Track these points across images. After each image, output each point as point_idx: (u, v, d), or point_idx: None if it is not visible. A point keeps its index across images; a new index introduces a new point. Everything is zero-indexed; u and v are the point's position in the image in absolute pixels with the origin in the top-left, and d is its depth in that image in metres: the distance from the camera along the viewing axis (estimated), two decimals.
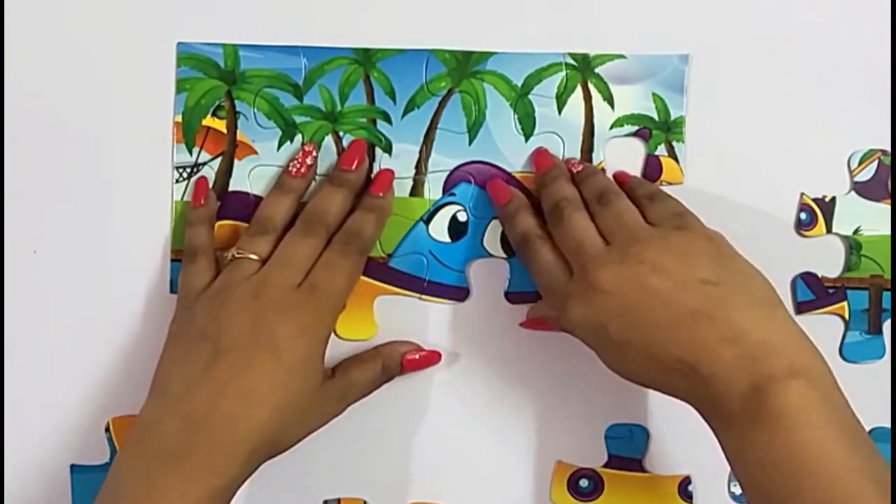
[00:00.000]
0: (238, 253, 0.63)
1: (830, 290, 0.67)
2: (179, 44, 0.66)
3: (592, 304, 0.57)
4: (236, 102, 0.67)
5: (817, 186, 0.67)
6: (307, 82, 0.67)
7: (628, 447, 0.67)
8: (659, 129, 0.67)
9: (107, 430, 0.67)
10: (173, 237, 0.67)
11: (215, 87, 0.67)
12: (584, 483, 0.68)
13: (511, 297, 0.67)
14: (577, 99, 0.67)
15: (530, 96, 0.67)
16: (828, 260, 0.67)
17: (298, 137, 0.67)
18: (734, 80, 0.67)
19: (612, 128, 0.67)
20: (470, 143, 0.67)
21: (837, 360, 0.67)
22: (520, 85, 0.67)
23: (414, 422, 0.68)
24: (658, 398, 0.66)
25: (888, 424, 0.67)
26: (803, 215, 0.67)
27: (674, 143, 0.67)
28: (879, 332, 0.67)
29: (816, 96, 0.67)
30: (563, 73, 0.67)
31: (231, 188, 0.67)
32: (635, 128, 0.67)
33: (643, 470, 0.67)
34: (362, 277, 0.66)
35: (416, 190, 0.67)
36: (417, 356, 0.66)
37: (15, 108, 0.66)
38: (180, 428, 0.57)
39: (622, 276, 0.57)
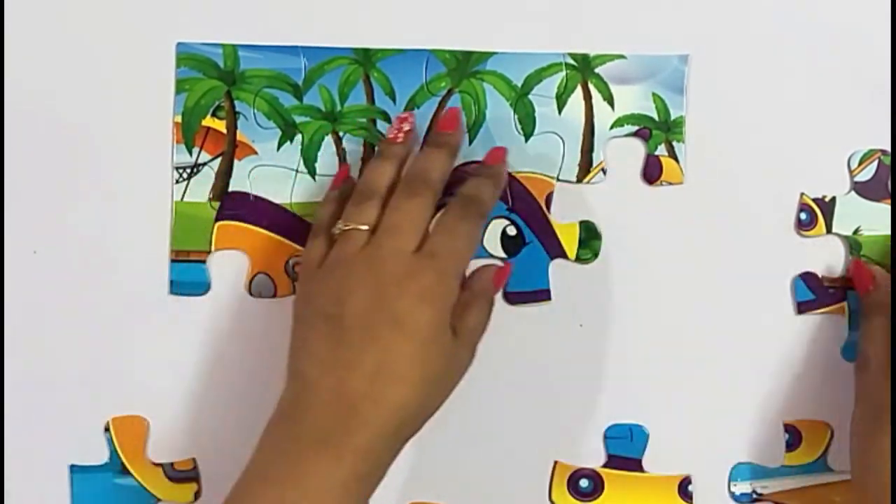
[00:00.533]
0: (346, 225, 0.60)
1: (831, 290, 0.67)
2: (179, 44, 0.66)
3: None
4: (236, 103, 0.67)
5: (817, 186, 0.66)
6: (307, 82, 0.67)
7: (628, 447, 0.67)
8: (659, 130, 0.67)
9: (106, 429, 0.67)
10: (173, 237, 0.67)
11: (215, 87, 0.67)
12: (583, 483, 0.67)
13: (510, 297, 0.67)
14: (577, 99, 0.67)
15: (530, 96, 0.67)
16: (827, 260, 0.67)
17: (298, 137, 0.67)
18: (734, 81, 0.66)
19: (612, 128, 0.67)
20: (470, 143, 0.67)
21: (839, 360, 0.67)
22: (520, 85, 0.67)
23: None
24: (658, 398, 0.67)
25: None
26: (803, 215, 0.67)
27: (674, 143, 0.67)
28: None
29: (816, 96, 0.66)
30: (563, 73, 0.67)
31: (231, 188, 0.67)
32: (635, 128, 0.67)
33: (643, 470, 0.67)
34: None
35: None
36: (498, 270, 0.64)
37: (15, 108, 0.66)
38: (321, 411, 0.56)
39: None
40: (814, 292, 0.67)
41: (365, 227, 0.60)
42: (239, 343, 0.67)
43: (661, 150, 0.67)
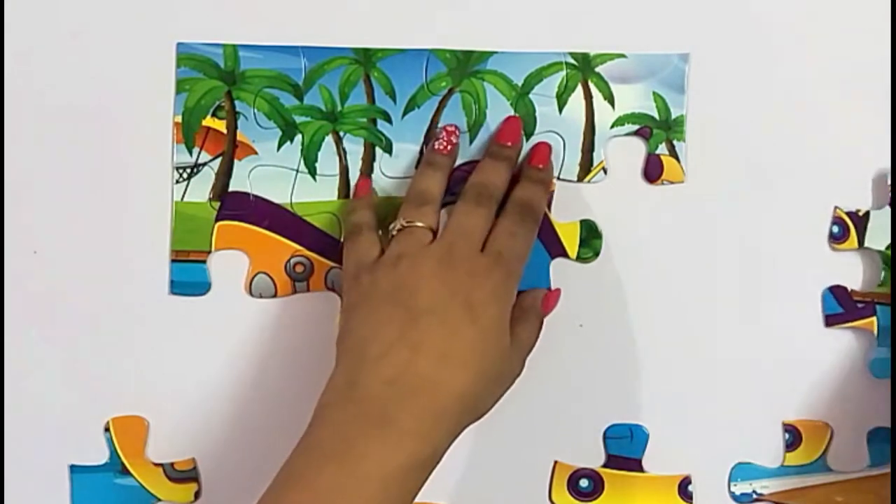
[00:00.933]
0: (406, 222, 0.62)
1: (860, 305, 0.67)
2: (179, 44, 0.66)
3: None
4: (236, 103, 0.67)
5: (820, 184, 0.66)
6: (307, 82, 0.67)
7: (628, 447, 0.67)
8: (660, 128, 0.67)
9: (106, 429, 0.67)
10: (173, 237, 0.67)
11: (215, 87, 0.67)
12: (583, 483, 0.67)
13: None
14: (577, 98, 0.67)
15: (531, 96, 0.67)
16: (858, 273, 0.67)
17: (299, 137, 0.67)
18: (734, 79, 0.66)
19: (612, 127, 0.67)
20: (471, 142, 0.67)
21: (866, 375, 0.67)
22: (520, 84, 0.67)
23: None
24: (658, 398, 0.67)
25: (888, 425, 0.66)
26: (836, 228, 0.66)
27: (675, 142, 0.67)
28: None
29: (816, 94, 0.66)
30: (564, 72, 0.67)
31: (231, 188, 0.67)
32: (636, 127, 0.67)
33: (643, 470, 0.67)
34: None
35: None
36: (548, 294, 0.65)
37: (15, 108, 0.66)
38: (382, 391, 0.56)
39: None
40: (842, 305, 0.67)
41: (425, 226, 0.62)
42: (239, 343, 0.67)
43: (662, 149, 0.67)
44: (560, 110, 0.67)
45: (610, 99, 0.67)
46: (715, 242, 0.67)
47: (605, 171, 0.67)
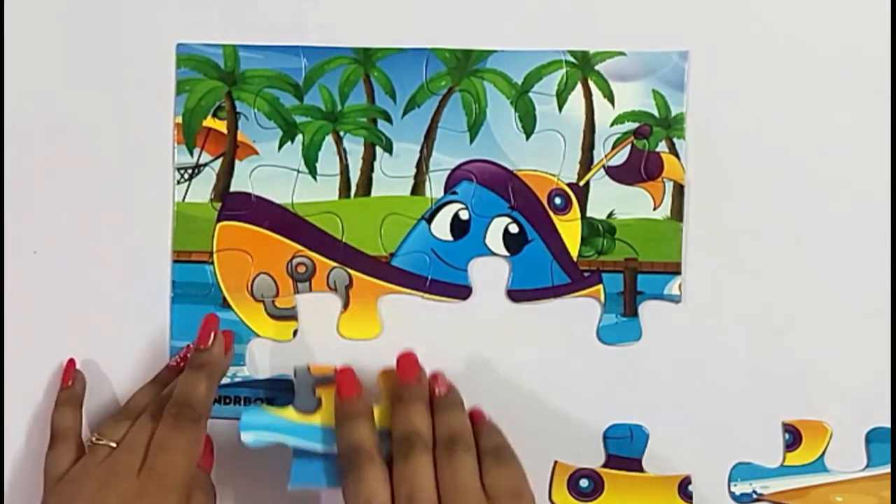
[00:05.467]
0: (97, 439, 0.61)
1: (586, 274, 0.67)
2: (179, 45, 0.67)
3: None
4: (237, 103, 0.67)
5: (819, 181, 0.66)
6: (307, 82, 0.67)
7: (628, 447, 0.67)
8: (660, 126, 0.66)
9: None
10: (174, 238, 0.67)
11: (216, 87, 0.67)
12: (583, 483, 0.67)
13: (513, 295, 0.67)
14: (577, 96, 0.67)
15: (531, 94, 0.67)
16: None
17: (299, 137, 0.67)
18: (734, 77, 0.66)
19: (612, 125, 0.67)
20: (471, 141, 0.67)
21: (594, 343, 0.67)
22: (520, 83, 0.67)
23: None
24: (658, 398, 0.66)
25: (888, 424, 0.66)
26: (558, 200, 0.66)
27: (674, 140, 0.66)
28: (635, 314, 0.67)
29: (815, 92, 0.66)
30: (564, 70, 0.67)
31: (232, 189, 0.67)
32: (636, 125, 0.66)
33: (643, 470, 0.67)
34: (365, 277, 0.67)
35: (418, 189, 0.67)
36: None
37: (15, 108, 0.67)
38: None
39: None
40: (569, 275, 0.67)
41: (112, 444, 0.60)
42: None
43: (662, 147, 0.66)
44: (560, 108, 0.67)
45: (610, 97, 0.67)
46: (714, 240, 0.66)
47: (605, 170, 0.67)
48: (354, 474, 0.58)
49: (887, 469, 0.66)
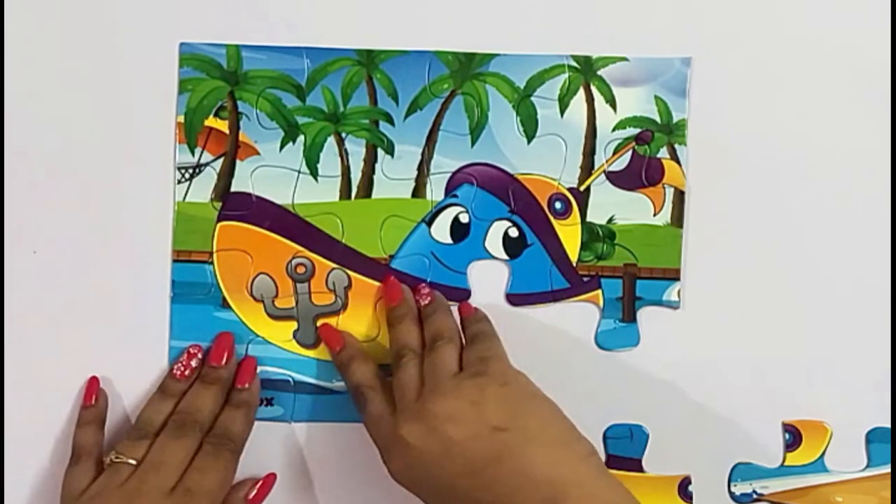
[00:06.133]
0: (116, 457, 0.62)
1: (585, 279, 0.68)
2: (182, 44, 0.66)
3: (403, 457, 0.59)
4: (239, 103, 0.67)
5: (822, 186, 0.67)
6: (310, 83, 0.67)
7: (628, 447, 0.68)
8: (661, 132, 0.67)
9: None
10: (175, 238, 0.66)
11: (218, 87, 0.67)
12: None
13: (512, 298, 0.67)
14: (579, 101, 0.67)
15: (533, 98, 0.67)
16: None
17: (301, 138, 0.67)
18: (736, 83, 0.67)
19: (614, 130, 0.67)
20: (472, 144, 0.67)
21: (592, 348, 0.68)
22: (522, 87, 0.67)
23: None
24: (658, 398, 0.67)
25: (888, 425, 0.67)
26: (558, 204, 0.68)
27: (676, 146, 0.67)
28: (633, 319, 0.68)
29: (817, 97, 0.67)
30: (566, 75, 0.67)
31: (233, 189, 0.67)
32: (637, 130, 0.67)
33: (643, 470, 0.68)
34: (365, 279, 0.67)
35: (418, 191, 0.67)
36: (255, 491, 0.66)
37: (15, 108, 0.66)
38: None
39: (421, 430, 0.58)
40: (568, 280, 0.68)
41: (133, 462, 0.62)
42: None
43: (664, 153, 0.67)
44: (562, 113, 0.67)
45: (612, 102, 0.67)
46: (714, 244, 0.67)
47: (606, 175, 0.67)
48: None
49: (887, 469, 0.67)
